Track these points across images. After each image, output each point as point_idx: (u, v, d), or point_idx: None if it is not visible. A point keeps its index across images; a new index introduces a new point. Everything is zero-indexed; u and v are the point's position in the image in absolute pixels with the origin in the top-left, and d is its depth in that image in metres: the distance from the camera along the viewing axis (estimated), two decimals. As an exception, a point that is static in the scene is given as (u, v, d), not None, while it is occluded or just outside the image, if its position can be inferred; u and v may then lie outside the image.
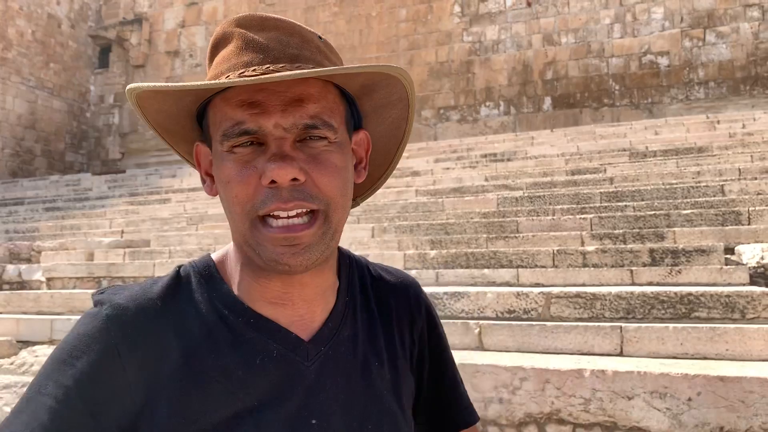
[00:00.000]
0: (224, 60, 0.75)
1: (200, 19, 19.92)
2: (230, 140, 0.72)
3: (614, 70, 15.33)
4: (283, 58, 0.73)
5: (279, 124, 0.71)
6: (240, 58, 0.73)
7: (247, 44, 0.74)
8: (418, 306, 0.93)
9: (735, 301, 4.26)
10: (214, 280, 0.79)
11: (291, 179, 0.70)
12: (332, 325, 0.82)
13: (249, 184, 0.71)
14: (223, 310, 0.77)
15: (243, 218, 0.73)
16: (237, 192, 0.72)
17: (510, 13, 16.50)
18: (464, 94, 16.68)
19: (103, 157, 20.69)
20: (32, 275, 8.12)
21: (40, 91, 19.42)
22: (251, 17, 0.76)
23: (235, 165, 0.72)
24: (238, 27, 0.76)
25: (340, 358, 0.81)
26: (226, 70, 0.73)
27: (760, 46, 14.18)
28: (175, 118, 0.81)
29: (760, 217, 6.12)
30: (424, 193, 9.34)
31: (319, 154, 0.73)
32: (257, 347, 0.76)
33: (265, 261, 0.73)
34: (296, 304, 0.79)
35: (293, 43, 0.75)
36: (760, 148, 8.82)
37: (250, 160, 0.72)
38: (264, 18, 0.76)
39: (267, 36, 0.74)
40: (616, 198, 7.53)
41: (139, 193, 13.31)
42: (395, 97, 0.82)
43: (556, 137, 12.39)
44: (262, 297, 0.78)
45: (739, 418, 3.22)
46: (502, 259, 6.00)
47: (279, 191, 0.70)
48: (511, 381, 3.66)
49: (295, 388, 0.76)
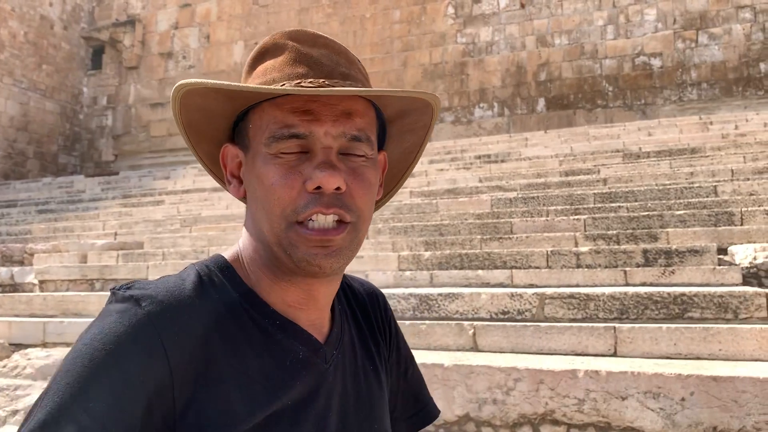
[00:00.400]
0: (275, 69, 0.78)
1: (193, 20, 19.88)
2: (278, 143, 0.75)
3: (607, 72, 15.38)
4: (335, 74, 0.78)
5: (329, 132, 0.75)
6: (294, 69, 0.77)
7: (301, 57, 0.78)
8: (386, 315, 0.99)
9: (728, 302, 4.27)
10: (236, 280, 0.80)
11: (335, 188, 0.74)
12: (336, 330, 0.86)
13: (293, 188, 0.75)
14: (251, 311, 0.78)
15: (281, 220, 0.75)
16: (280, 195, 0.75)
17: (503, 14, 16.53)
18: (458, 96, 16.70)
19: (96, 159, 20.60)
20: (25, 278, 8.08)
21: (33, 93, 19.33)
22: (304, 33, 0.81)
23: (280, 169, 0.75)
24: (290, 40, 0.80)
25: (347, 361, 0.86)
26: (279, 78, 0.77)
27: (753, 48, 14.25)
28: (212, 117, 0.82)
29: (753, 217, 6.15)
30: (418, 194, 9.34)
31: (358, 168, 0.77)
32: (286, 348, 0.78)
33: (296, 262, 0.75)
34: (311, 309, 0.82)
35: (342, 63, 0.80)
36: (752, 149, 8.87)
37: (296, 165, 0.75)
38: (316, 35, 0.81)
39: (319, 52, 0.79)
40: (609, 199, 7.55)
41: (133, 195, 13.27)
42: (421, 123, 0.87)
43: (549, 138, 12.42)
44: (282, 300, 0.80)
45: (732, 417, 3.23)
46: (496, 260, 6.01)
47: (321, 197, 0.74)
48: (506, 382, 3.67)
49: (319, 389, 0.79)
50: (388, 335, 0.98)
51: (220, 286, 0.78)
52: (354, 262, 6.40)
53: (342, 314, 0.90)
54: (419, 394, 1.03)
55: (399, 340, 1.01)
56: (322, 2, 18.36)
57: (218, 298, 0.77)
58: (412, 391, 1.02)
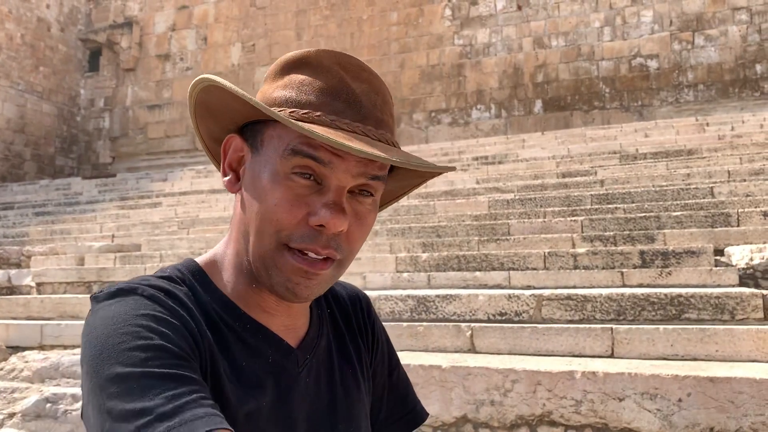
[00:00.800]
0: (313, 90, 0.74)
1: (191, 22, 19.87)
2: (297, 158, 0.72)
3: (604, 73, 15.41)
4: (371, 118, 0.75)
5: (349, 171, 0.73)
6: (333, 101, 0.74)
7: (343, 89, 0.75)
8: (369, 318, 0.99)
9: (724, 303, 4.29)
10: (208, 284, 0.80)
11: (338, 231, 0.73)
12: (312, 334, 0.86)
13: (294, 216, 0.73)
14: (221, 314, 0.78)
15: (272, 239, 0.74)
16: (279, 217, 0.73)
17: (500, 16, 16.56)
18: (455, 97, 16.72)
19: (94, 161, 20.58)
20: (22, 280, 8.06)
21: (30, 95, 19.31)
22: (350, 60, 0.77)
23: (288, 194, 0.73)
24: (337, 65, 0.76)
25: (321, 365, 0.85)
26: (316, 104, 0.73)
27: (749, 49, 14.30)
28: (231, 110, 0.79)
29: (749, 218, 6.16)
30: (415, 195, 9.35)
31: (363, 213, 0.76)
32: (256, 352, 0.78)
33: (273, 284, 0.75)
34: (284, 315, 0.82)
35: (378, 105, 0.77)
36: (749, 150, 8.89)
37: (305, 194, 0.73)
38: (361, 67, 0.77)
39: (360, 87, 0.76)
40: (606, 200, 7.56)
41: (130, 197, 13.25)
42: (424, 178, 0.87)
43: (546, 140, 12.44)
44: (256, 304, 0.80)
45: (728, 418, 3.24)
46: (494, 262, 6.02)
47: (320, 236, 0.73)
48: (503, 383, 3.67)
49: (289, 393, 0.79)
50: (371, 339, 0.97)
51: (191, 290, 0.78)
52: (352, 264, 6.37)
53: (320, 319, 0.89)
54: (406, 397, 1.02)
55: (382, 343, 1.00)
56: (320, 4, 18.37)
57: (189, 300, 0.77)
58: (399, 393, 1.01)
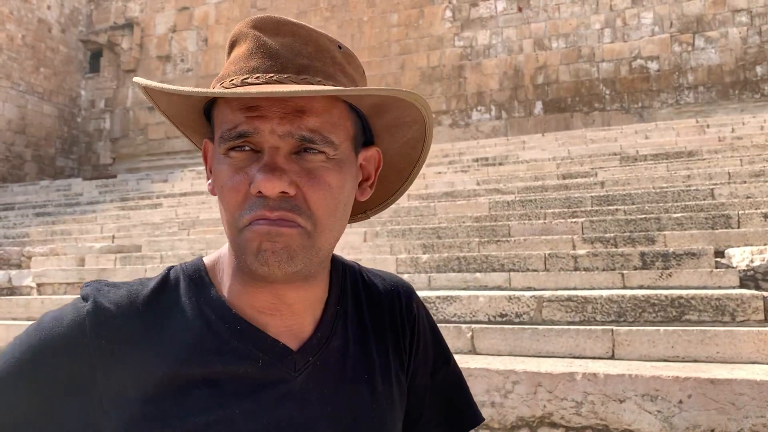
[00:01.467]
0: (234, 61, 0.73)
1: (191, 23, 19.89)
2: (227, 143, 0.70)
3: (605, 75, 15.42)
4: (290, 67, 0.71)
5: (275, 131, 0.68)
6: (248, 62, 0.71)
7: (258, 48, 0.72)
8: (410, 313, 0.91)
9: (725, 304, 4.28)
10: (204, 284, 0.78)
11: (279, 192, 0.68)
12: (321, 335, 0.80)
13: (239, 192, 0.70)
14: (210, 316, 0.75)
15: (232, 225, 0.71)
16: (228, 198, 0.70)
17: (501, 17, 16.57)
18: (456, 99, 16.73)
19: (94, 162, 20.59)
20: (22, 281, 8.06)
21: (31, 96, 19.32)
22: (269, 19, 0.73)
23: (229, 170, 0.70)
24: (253, 28, 0.73)
25: (329, 368, 0.79)
26: (233, 72, 0.72)
27: (749, 51, 14.30)
28: (185, 113, 0.79)
29: (750, 220, 6.16)
30: (416, 197, 9.35)
31: (315, 170, 0.70)
32: (242, 356, 0.74)
33: (248, 265, 0.70)
34: (284, 314, 0.77)
35: (306, 53, 0.72)
36: (749, 152, 8.89)
37: (244, 166, 0.70)
38: (281, 22, 0.73)
39: (280, 41, 0.72)
40: (607, 202, 7.56)
41: (131, 198, 13.25)
42: (409, 118, 0.78)
43: (547, 141, 12.44)
44: (251, 305, 0.76)
45: (729, 420, 3.24)
46: (494, 263, 6.02)
47: (266, 200, 0.68)
48: (503, 384, 3.67)
49: (280, 399, 0.74)
50: (409, 336, 0.90)
51: (184, 291, 0.76)
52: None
53: (339, 317, 0.83)
54: (453, 400, 0.94)
55: (425, 341, 0.92)
56: (320, 5, 18.39)
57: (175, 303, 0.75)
58: (444, 395, 0.93)
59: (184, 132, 0.84)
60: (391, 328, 0.88)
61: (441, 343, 0.96)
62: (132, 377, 0.69)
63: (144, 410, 0.69)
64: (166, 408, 0.69)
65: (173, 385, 0.70)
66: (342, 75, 0.74)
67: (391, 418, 0.83)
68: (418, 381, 0.91)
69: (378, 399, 0.82)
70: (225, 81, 0.72)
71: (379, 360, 0.85)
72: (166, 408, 0.69)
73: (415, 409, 0.91)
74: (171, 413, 0.69)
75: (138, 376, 0.70)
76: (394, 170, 0.87)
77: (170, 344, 0.72)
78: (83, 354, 0.69)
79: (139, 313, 0.73)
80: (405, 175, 0.88)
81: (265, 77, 0.69)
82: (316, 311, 0.81)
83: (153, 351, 0.71)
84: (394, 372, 0.86)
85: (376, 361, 0.84)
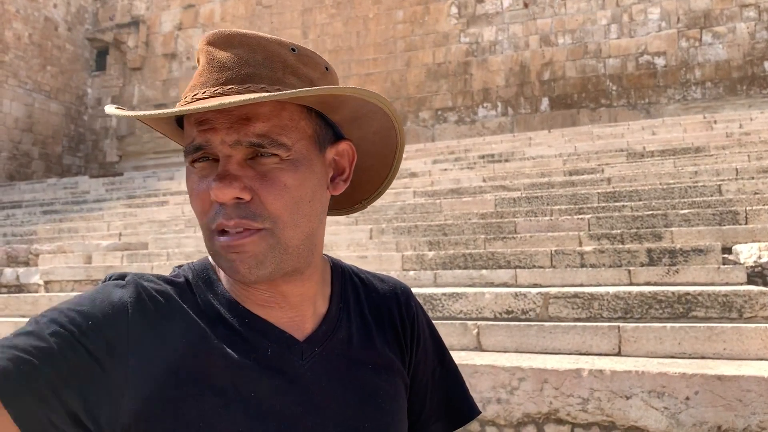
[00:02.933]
0: (194, 77, 0.76)
1: (197, 21, 19.92)
2: (189, 155, 0.75)
3: (611, 71, 15.36)
4: (234, 79, 0.73)
5: (224, 141, 0.72)
6: (200, 78, 0.75)
7: (209, 63, 0.75)
8: (409, 313, 0.95)
9: (732, 301, 4.27)
10: (212, 281, 0.82)
11: (233, 198, 0.71)
12: (326, 328, 0.84)
13: (204, 199, 0.74)
14: (221, 310, 0.79)
15: (204, 230, 0.76)
16: (195, 205, 0.75)
17: (507, 14, 16.52)
18: (462, 96, 16.70)
19: (101, 159, 20.67)
20: (30, 278, 8.11)
21: (37, 95, 19.40)
22: (219, 34, 0.76)
23: (194, 179, 0.75)
24: (207, 44, 0.76)
25: (333, 359, 0.83)
26: (189, 89, 0.75)
27: (757, 47, 14.21)
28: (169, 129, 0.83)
29: (758, 216, 6.13)
30: (422, 194, 9.35)
31: (269, 172, 0.73)
32: (253, 345, 0.78)
33: (226, 271, 0.75)
34: (283, 306, 0.81)
35: (253, 61, 0.74)
36: (757, 148, 8.85)
37: (206, 175, 0.74)
38: (230, 35, 0.75)
39: (228, 55, 0.74)
40: (613, 198, 7.54)
41: (137, 195, 13.30)
42: (365, 110, 0.80)
43: (553, 138, 12.41)
44: (251, 299, 0.80)
45: (736, 417, 3.23)
46: (500, 260, 6.01)
47: (224, 208, 0.72)
48: (510, 381, 3.67)
49: (289, 384, 0.78)
50: (409, 335, 0.94)
51: (196, 288, 0.81)
52: (358, 263, 6.41)
53: (343, 312, 0.87)
54: (451, 394, 0.98)
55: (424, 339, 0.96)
56: (326, 3, 18.38)
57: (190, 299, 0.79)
58: (443, 390, 0.98)
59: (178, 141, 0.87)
60: (391, 325, 0.92)
61: (438, 340, 1.00)
62: (156, 360, 0.73)
63: (163, 392, 0.72)
64: (183, 391, 0.72)
65: (193, 368, 0.74)
66: (294, 77, 0.75)
67: (396, 409, 0.87)
68: (420, 377, 0.95)
69: (381, 389, 0.85)
70: (183, 98, 0.75)
71: (382, 353, 0.88)
72: (184, 391, 0.73)
73: (417, 405, 0.95)
74: (189, 394, 0.72)
75: (160, 360, 0.73)
76: (377, 158, 0.90)
77: (187, 334, 0.76)
78: (123, 329, 0.72)
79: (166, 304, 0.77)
80: (389, 162, 0.90)
81: (211, 91, 0.72)
82: (318, 305, 0.85)
83: (174, 339, 0.75)
84: (397, 366, 0.89)
85: (379, 354, 0.88)
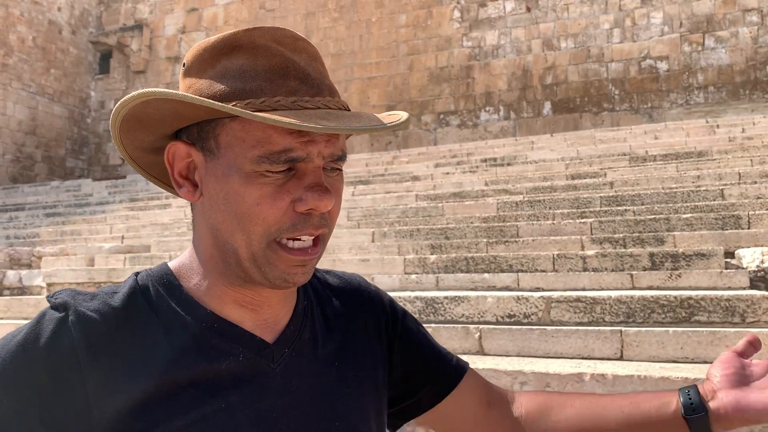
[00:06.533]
0: (258, 75, 0.72)
1: (201, 24, 19.98)
2: (272, 165, 0.70)
3: (614, 75, 15.37)
4: (324, 89, 0.74)
5: (321, 153, 0.72)
6: (285, 81, 0.72)
7: (289, 66, 0.72)
8: (371, 302, 0.95)
9: (735, 305, 4.26)
10: (173, 287, 0.79)
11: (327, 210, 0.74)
12: (294, 327, 0.83)
13: (279, 208, 0.72)
14: (185, 317, 0.76)
15: (261, 238, 0.73)
16: (266, 214, 0.72)
17: (509, 18, 16.54)
18: (464, 99, 16.71)
19: (104, 162, 20.72)
20: (33, 281, 8.12)
21: (41, 97, 19.46)
22: (285, 32, 0.74)
23: (267, 188, 0.71)
24: (274, 42, 0.73)
25: (303, 359, 0.82)
26: (269, 90, 0.71)
27: (759, 51, 14.21)
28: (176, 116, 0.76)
29: (760, 220, 6.12)
30: (424, 198, 9.35)
31: (336, 184, 0.76)
32: (222, 352, 0.76)
33: (270, 279, 0.74)
34: (263, 308, 0.80)
35: (322, 71, 0.75)
36: (759, 152, 8.84)
37: (283, 185, 0.72)
38: (296, 36, 0.74)
39: (303, 60, 0.74)
40: (616, 202, 7.53)
41: (140, 198, 13.32)
42: None
43: (555, 142, 12.41)
44: (234, 300, 0.78)
45: (739, 421, 3.22)
46: (503, 264, 6.01)
47: (311, 218, 0.73)
48: (512, 385, 3.66)
49: (262, 391, 0.77)
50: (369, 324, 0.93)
51: (155, 296, 0.77)
52: (360, 266, 6.42)
53: (307, 310, 0.86)
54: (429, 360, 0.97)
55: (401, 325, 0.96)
56: (329, 6, 18.42)
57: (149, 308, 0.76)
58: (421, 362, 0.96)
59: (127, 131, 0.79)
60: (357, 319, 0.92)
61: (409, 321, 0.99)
62: (119, 384, 0.70)
63: (132, 416, 0.70)
64: (153, 412, 0.70)
65: (159, 390, 0.71)
66: None
67: (369, 401, 0.87)
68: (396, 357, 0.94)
69: (352, 384, 0.85)
70: (258, 98, 0.71)
71: (349, 348, 0.88)
72: (154, 412, 0.70)
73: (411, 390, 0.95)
74: (159, 416, 0.70)
75: (124, 384, 0.70)
76: None
77: (152, 349, 0.73)
78: (74, 363, 0.69)
79: (119, 321, 0.74)
80: None
81: (314, 102, 0.72)
82: (290, 303, 0.84)
83: (137, 357, 0.72)
84: (369, 359, 0.89)
85: (345, 349, 0.87)
